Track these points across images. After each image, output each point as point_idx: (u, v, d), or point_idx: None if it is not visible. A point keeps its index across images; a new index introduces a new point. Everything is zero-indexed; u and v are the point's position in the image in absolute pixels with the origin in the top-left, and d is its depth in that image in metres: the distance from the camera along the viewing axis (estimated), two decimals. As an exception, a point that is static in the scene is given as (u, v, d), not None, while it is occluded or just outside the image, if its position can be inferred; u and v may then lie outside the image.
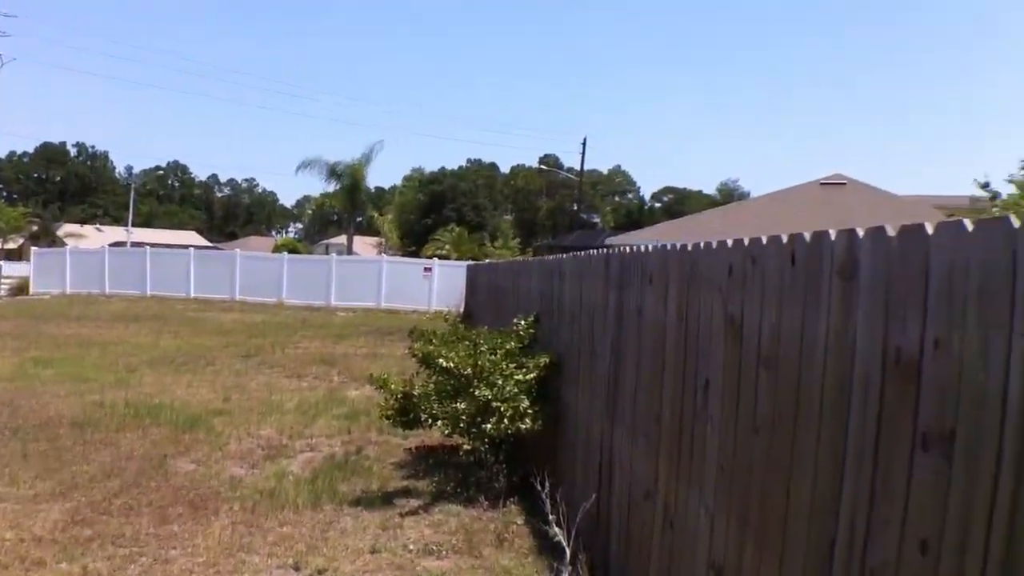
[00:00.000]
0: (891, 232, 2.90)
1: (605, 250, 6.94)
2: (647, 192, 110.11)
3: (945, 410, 2.58)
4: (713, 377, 4.47)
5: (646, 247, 5.81)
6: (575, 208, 75.90)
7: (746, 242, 4.09)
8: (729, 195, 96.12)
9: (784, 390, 3.64)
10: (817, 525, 3.34)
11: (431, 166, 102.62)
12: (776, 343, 3.73)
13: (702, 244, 4.69)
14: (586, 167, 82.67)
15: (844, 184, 41.39)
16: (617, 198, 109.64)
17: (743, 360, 4.07)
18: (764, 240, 3.88)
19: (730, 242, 4.29)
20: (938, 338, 2.62)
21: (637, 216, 78.61)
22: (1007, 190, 15.57)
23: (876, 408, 2.94)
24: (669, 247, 5.27)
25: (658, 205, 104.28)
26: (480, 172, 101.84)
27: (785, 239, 3.68)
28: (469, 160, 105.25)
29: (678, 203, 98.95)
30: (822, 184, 41.64)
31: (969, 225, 2.51)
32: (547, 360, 8.97)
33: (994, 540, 2.36)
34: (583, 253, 8.12)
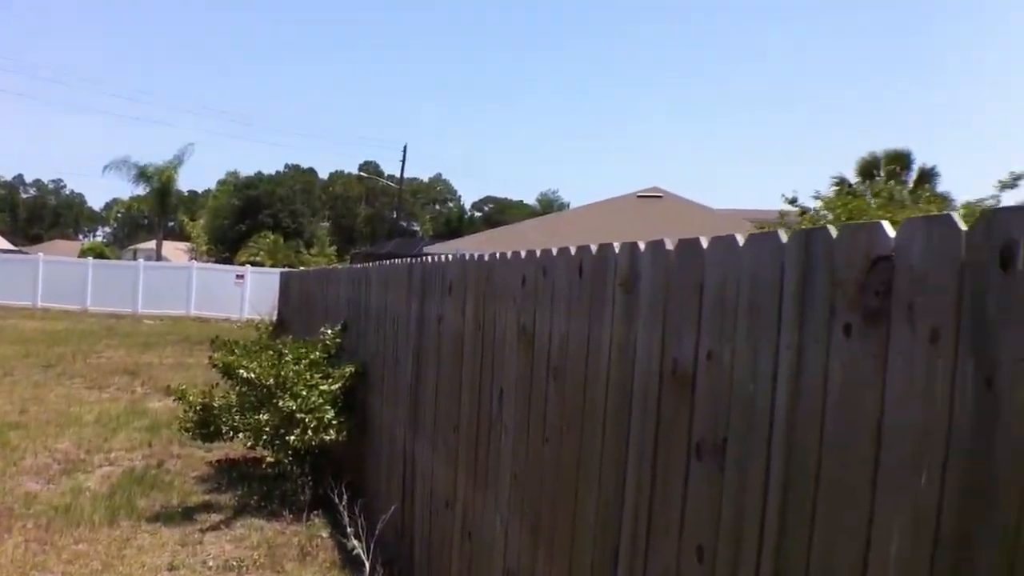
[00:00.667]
0: (669, 246, 2.94)
1: (419, 259, 6.89)
2: (468, 201, 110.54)
3: (717, 420, 2.63)
4: (507, 386, 4.47)
5: (447, 257, 5.79)
6: (394, 216, 75.64)
7: (538, 254, 4.10)
8: (549, 206, 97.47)
9: (572, 400, 3.66)
10: (602, 533, 3.37)
11: (247, 170, 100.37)
12: (564, 353, 3.75)
13: (498, 255, 4.69)
14: (407, 175, 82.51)
15: (660, 197, 42.47)
16: (437, 206, 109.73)
17: (534, 370, 4.09)
18: (554, 252, 3.90)
19: (523, 253, 4.30)
20: (711, 351, 2.67)
21: (457, 225, 78.79)
22: (815, 205, 16.28)
23: (655, 418, 2.98)
24: (468, 257, 5.26)
25: (478, 214, 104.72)
26: (298, 177, 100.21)
27: (573, 251, 3.70)
28: (287, 165, 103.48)
29: (498, 213, 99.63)
30: (639, 197, 42.58)
31: (740, 240, 2.57)
32: (352, 369, 8.85)
33: (765, 547, 2.41)
34: (389, 262, 8.05)
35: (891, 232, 2.02)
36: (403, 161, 67.88)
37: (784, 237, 2.37)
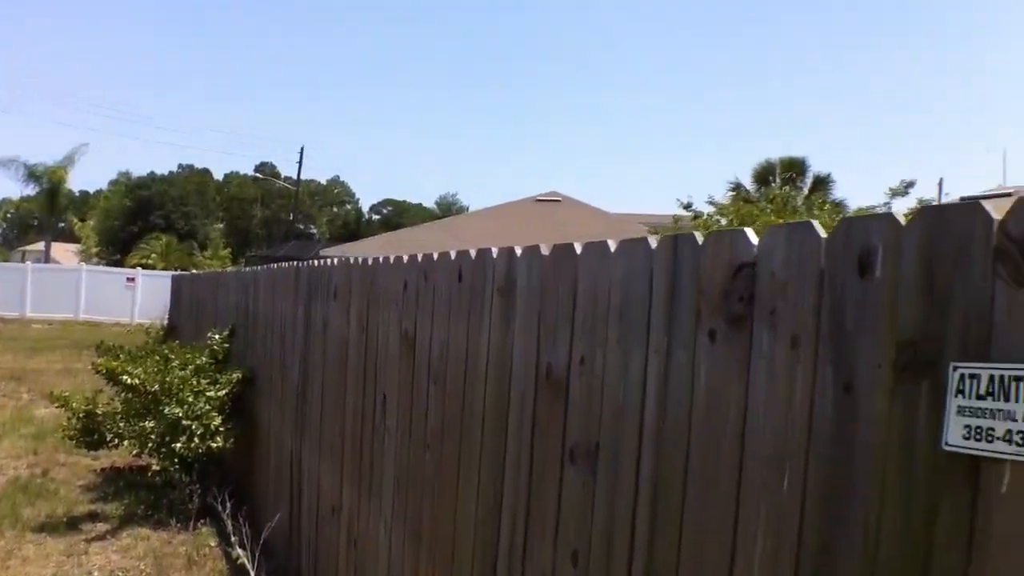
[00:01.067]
0: (545, 251, 2.92)
1: (308, 263, 6.78)
2: (366, 204, 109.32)
3: (590, 425, 2.61)
4: (390, 392, 4.41)
5: (332, 261, 5.71)
6: (291, 218, 74.68)
7: (419, 258, 4.05)
8: (448, 209, 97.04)
9: (452, 405, 3.62)
10: (482, 540, 3.33)
11: (140, 170, 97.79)
12: (445, 358, 3.71)
13: (381, 259, 4.63)
14: (305, 177, 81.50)
15: (559, 201, 42.72)
16: (335, 209, 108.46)
17: (416, 375, 4.04)
18: (435, 257, 3.86)
19: (405, 258, 4.25)
20: (584, 356, 2.65)
21: (355, 227, 77.87)
22: (709, 210, 16.47)
23: (531, 423, 2.95)
24: (353, 262, 5.19)
25: (377, 217, 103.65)
26: (192, 178, 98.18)
27: (453, 256, 3.66)
28: (181, 165, 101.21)
29: (397, 215, 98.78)
30: (537, 200, 42.75)
31: (612, 246, 2.55)
32: (240, 375, 8.68)
33: (637, 549, 2.40)
34: (278, 265, 7.92)
35: (754, 239, 2.02)
36: (300, 162, 67.20)
37: (654, 243, 2.36)
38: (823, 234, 1.84)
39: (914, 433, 1.63)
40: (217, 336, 9.98)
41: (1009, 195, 25.51)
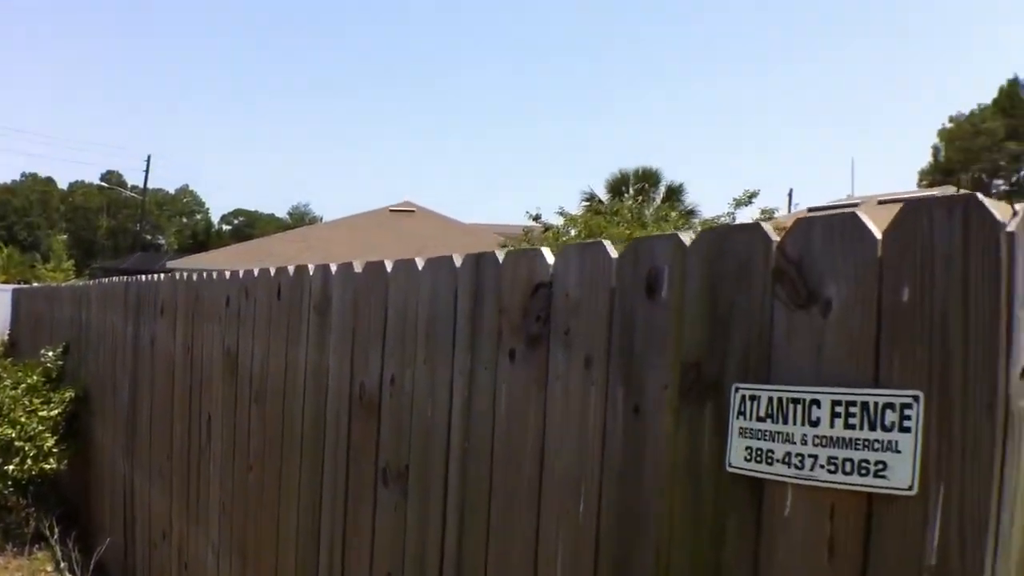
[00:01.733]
0: (358, 269, 2.83)
1: (137, 277, 6.52)
2: (217, 214, 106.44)
3: (400, 447, 2.53)
4: (215, 412, 4.24)
5: (159, 277, 5.50)
6: (138, 228, 72.49)
7: (241, 275, 3.91)
8: (300, 219, 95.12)
9: (272, 426, 3.49)
10: (303, 561, 3.22)
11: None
12: (265, 377, 3.57)
13: (205, 275, 4.46)
14: (153, 186, 79.12)
15: (413, 211, 42.41)
16: (184, 219, 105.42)
17: (239, 394, 3.89)
18: (256, 273, 3.74)
19: (228, 274, 4.10)
20: (394, 375, 2.57)
21: (203, 238, 75.75)
22: (559, 222, 16.44)
23: (346, 445, 2.86)
24: (179, 277, 5.00)
25: (227, 227, 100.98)
26: (35, 187, 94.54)
27: (273, 272, 3.54)
28: (23, 174, 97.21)
29: (248, 226, 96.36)
30: (391, 211, 42.34)
31: (420, 263, 2.49)
32: (72, 394, 8.29)
33: (446, 571, 2.34)
34: (109, 279, 7.62)
35: (551, 259, 1.97)
36: (147, 171, 64.84)
37: (458, 261, 2.30)
38: (614, 254, 1.81)
39: (701, 455, 1.60)
40: (51, 353, 9.53)
41: (856, 205, 26.46)
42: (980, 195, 1.25)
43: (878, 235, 1.36)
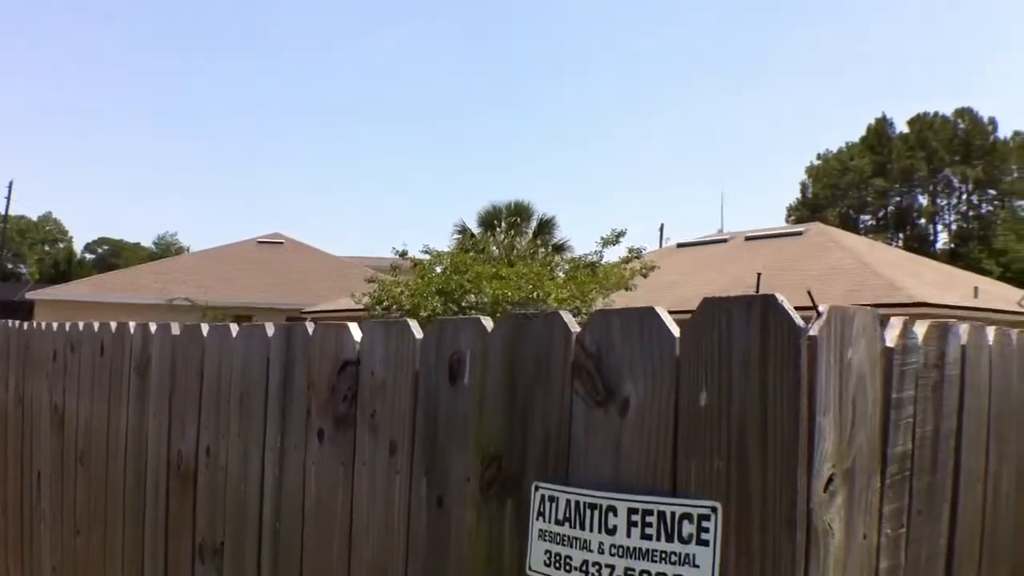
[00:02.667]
0: (176, 330, 2.63)
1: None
2: (81, 243, 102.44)
3: (216, 521, 2.33)
4: (45, 470, 3.94)
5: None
6: (-3, 256, 69.62)
7: (67, 327, 3.66)
8: (167, 249, 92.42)
9: (97, 488, 3.23)
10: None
11: None
12: (90, 436, 3.33)
13: (36, 325, 4.19)
14: (15, 213, 76.16)
15: (282, 243, 41.60)
16: (47, 247, 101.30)
17: (66, 452, 3.61)
18: (81, 327, 3.49)
19: (55, 326, 3.84)
20: (209, 446, 2.37)
21: (65, 268, 72.59)
22: (426, 258, 16.06)
23: (165, 515, 2.64)
24: (11, 325, 4.69)
25: (91, 256, 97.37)
26: None
27: (97, 327, 3.30)
28: None
29: (113, 255, 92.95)
30: (260, 242, 41.42)
31: (234, 330, 2.31)
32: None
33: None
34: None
35: (357, 335, 1.82)
36: (8, 197, 62.68)
37: (271, 331, 2.13)
38: (419, 334, 1.66)
39: (503, 554, 1.46)
40: None
41: (724, 241, 26.89)
42: (779, 297, 1.14)
43: (676, 333, 1.25)
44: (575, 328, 1.38)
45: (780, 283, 19.96)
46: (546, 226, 31.02)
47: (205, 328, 2.44)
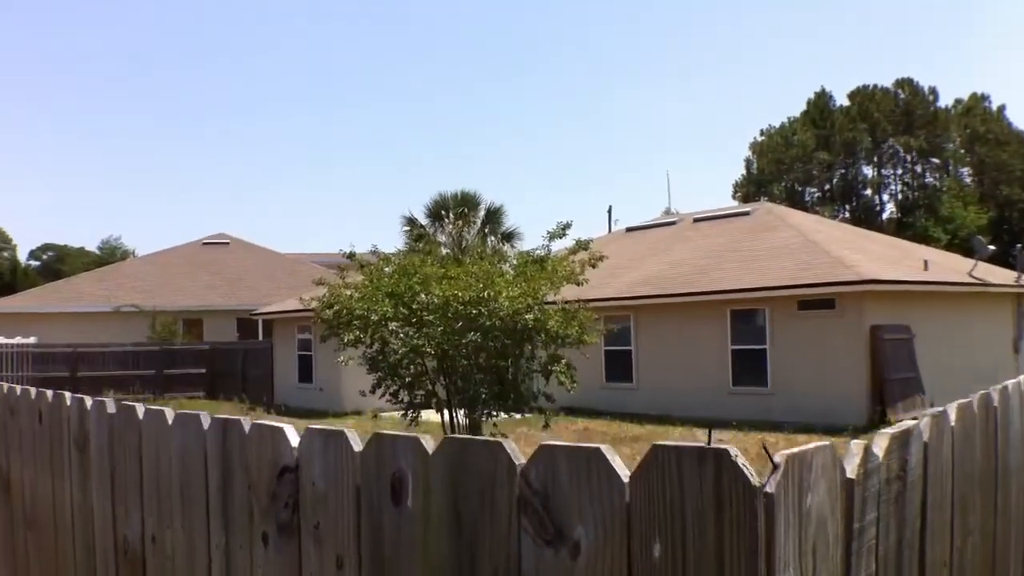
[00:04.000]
0: (111, 409, 2.52)
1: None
2: (25, 250, 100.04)
3: (167, 614, 2.25)
4: (-6, 533, 3.84)
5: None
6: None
7: (5, 389, 3.53)
8: (112, 253, 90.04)
9: (47, 559, 3.12)
10: None
11: None
12: (37, 505, 3.21)
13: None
14: (-44, 223, 74.14)
15: (227, 243, 41.20)
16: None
17: (14, 517, 3.49)
18: (19, 391, 3.36)
19: (-5, 386, 3.71)
20: (155, 534, 2.26)
21: (10, 279, 70.72)
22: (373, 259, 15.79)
23: (117, 598, 2.56)
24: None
25: (36, 264, 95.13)
26: None
27: (34, 395, 3.16)
28: None
29: (59, 261, 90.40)
30: (205, 244, 41.01)
31: (170, 416, 2.21)
32: None
33: None
34: None
35: (295, 440, 1.73)
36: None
37: (206, 422, 2.03)
38: (358, 446, 1.57)
39: None
40: None
41: (673, 223, 26.92)
42: (733, 453, 1.07)
43: (626, 477, 1.17)
44: (519, 460, 1.29)
45: (728, 263, 20.05)
46: (494, 215, 30.93)
47: (140, 410, 2.33)
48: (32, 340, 28.26)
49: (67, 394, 2.82)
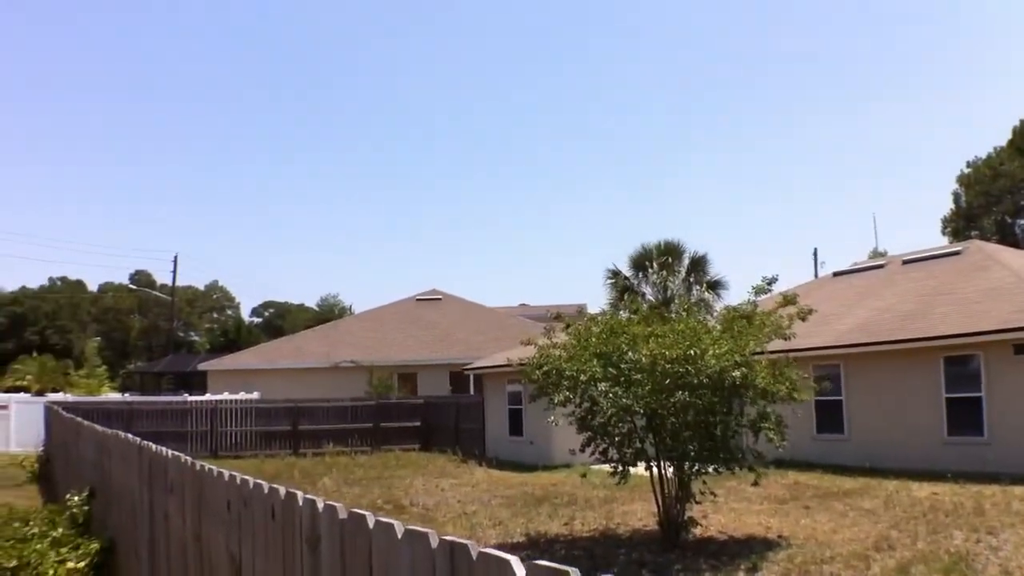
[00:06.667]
0: (343, 514, 2.74)
1: (153, 448, 6.44)
2: (247, 308, 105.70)
3: None
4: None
5: (166, 453, 5.43)
6: (169, 327, 72.53)
7: (238, 481, 3.83)
8: (330, 309, 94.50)
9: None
10: None
11: (10, 285, 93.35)
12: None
13: (208, 469, 4.39)
14: (182, 283, 79.26)
15: (440, 299, 42.94)
16: (216, 314, 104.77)
17: (246, 605, 3.79)
18: (251, 484, 3.64)
19: (227, 475, 4.02)
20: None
21: (234, 336, 74.75)
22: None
23: None
24: (184, 462, 4.92)
25: (258, 321, 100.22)
26: (64, 291, 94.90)
27: (267, 489, 3.45)
28: (50, 278, 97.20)
29: (278, 318, 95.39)
30: (418, 300, 42.90)
31: (399, 530, 2.39)
32: (98, 546, 8.23)
33: None
34: (124, 436, 7.57)
35: (520, 573, 1.87)
36: (174, 270, 65.29)
37: (435, 542, 2.20)
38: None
39: None
40: (76, 498, 9.50)
41: (881, 267, 26.29)
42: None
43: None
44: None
45: (939, 307, 19.38)
46: (699, 263, 30.73)
47: (371, 519, 2.52)
48: (255, 395, 29.95)
49: (299, 493, 3.05)
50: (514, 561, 1.88)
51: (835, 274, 28.56)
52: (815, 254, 51.66)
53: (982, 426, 17.29)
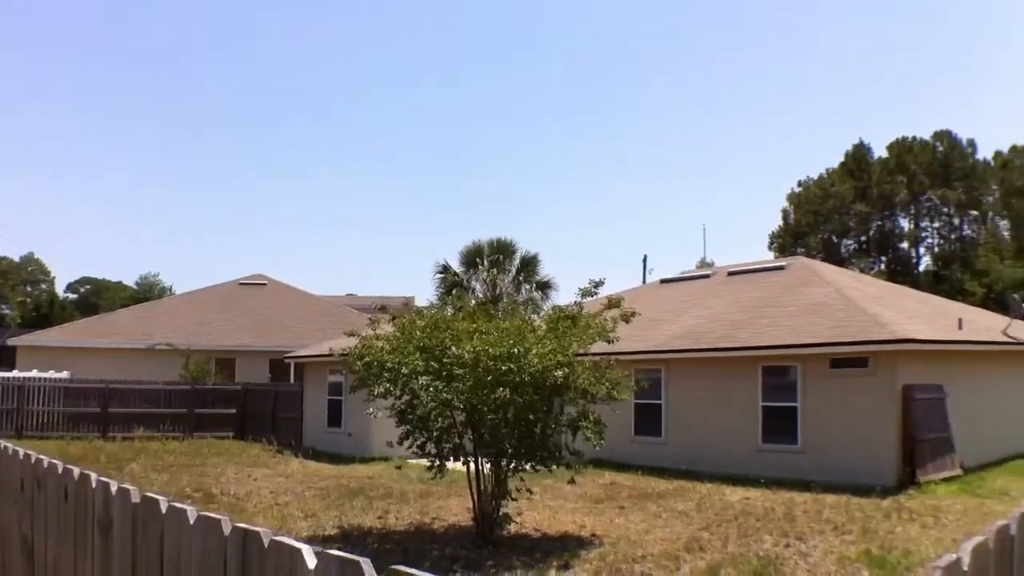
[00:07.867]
0: (136, 498, 2.67)
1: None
2: (63, 283, 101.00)
3: None
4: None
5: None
6: (-20, 299, 68.50)
7: (32, 460, 3.69)
8: (149, 289, 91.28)
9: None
10: None
11: None
12: (59, 577, 3.36)
13: (4, 447, 4.21)
14: (-2, 254, 75.24)
15: (264, 284, 41.96)
16: (30, 287, 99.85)
17: (35, 585, 3.65)
18: (46, 463, 3.52)
19: (22, 453, 3.86)
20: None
21: (47, 311, 71.34)
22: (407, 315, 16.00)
23: None
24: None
25: (73, 297, 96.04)
26: None
27: (60, 470, 3.34)
28: None
29: (95, 295, 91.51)
30: (241, 284, 41.80)
31: (191, 515, 2.34)
32: None
33: None
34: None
35: (311, 563, 1.87)
36: (-11, 239, 61.87)
37: (227, 529, 2.16)
38: None
39: None
40: None
41: (707, 276, 27.07)
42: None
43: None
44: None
45: (762, 319, 20.09)
46: (529, 264, 31.11)
47: (164, 504, 2.46)
48: (65, 375, 28.73)
49: (93, 476, 2.95)
50: (305, 550, 1.88)
51: (662, 281, 29.34)
52: (644, 261, 52.85)
53: (796, 435, 18.05)
